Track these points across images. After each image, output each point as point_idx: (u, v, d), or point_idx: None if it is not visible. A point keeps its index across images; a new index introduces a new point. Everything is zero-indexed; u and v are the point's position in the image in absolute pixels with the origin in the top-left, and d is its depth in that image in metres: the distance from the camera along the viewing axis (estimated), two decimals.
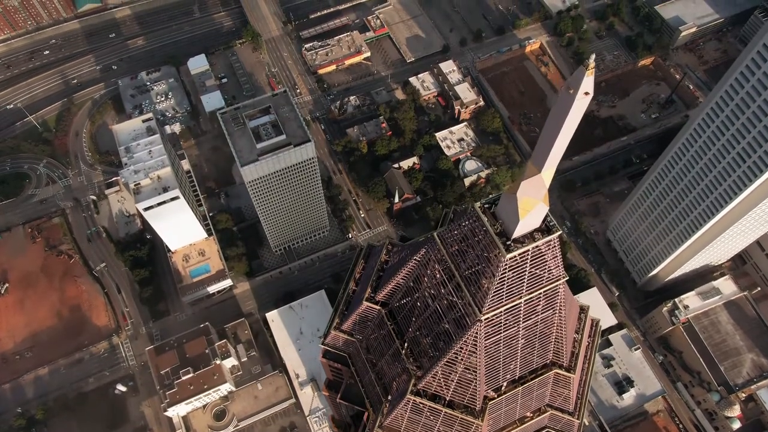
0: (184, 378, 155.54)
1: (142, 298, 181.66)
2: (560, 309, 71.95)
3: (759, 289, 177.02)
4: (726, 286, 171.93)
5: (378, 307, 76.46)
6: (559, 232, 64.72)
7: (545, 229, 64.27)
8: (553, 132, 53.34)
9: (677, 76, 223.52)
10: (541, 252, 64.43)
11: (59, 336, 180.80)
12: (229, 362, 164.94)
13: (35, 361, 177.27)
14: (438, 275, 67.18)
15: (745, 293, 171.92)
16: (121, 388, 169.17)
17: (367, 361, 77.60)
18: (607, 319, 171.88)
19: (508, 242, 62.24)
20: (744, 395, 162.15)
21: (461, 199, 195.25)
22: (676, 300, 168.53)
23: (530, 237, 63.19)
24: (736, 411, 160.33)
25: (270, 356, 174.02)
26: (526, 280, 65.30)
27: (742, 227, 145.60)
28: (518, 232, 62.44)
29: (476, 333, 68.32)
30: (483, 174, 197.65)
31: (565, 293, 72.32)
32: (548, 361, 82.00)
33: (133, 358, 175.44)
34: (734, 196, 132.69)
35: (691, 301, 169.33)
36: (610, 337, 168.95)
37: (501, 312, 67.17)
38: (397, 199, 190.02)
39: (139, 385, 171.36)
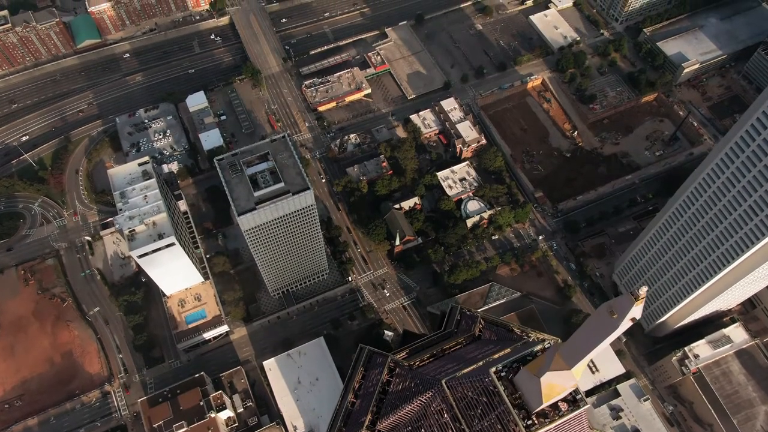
0: None
1: (135, 345, 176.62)
2: None
3: None
4: (737, 333, 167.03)
5: None
6: (587, 406, 58.42)
7: (572, 399, 58.03)
8: (588, 343, 48.80)
9: (681, 113, 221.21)
10: (568, 422, 58.45)
11: (50, 384, 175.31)
12: (225, 414, 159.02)
13: (25, 410, 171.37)
14: (445, 425, 62.44)
15: (756, 341, 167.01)
16: None
17: None
18: (615, 367, 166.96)
19: (529, 421, 56.27)
20: None
21: (463, 241, 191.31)
22: (686, 349, 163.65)
23: (555, 408, 57.05)
24: None
25: (267, 406, 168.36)
26: None
27: (760, 274, 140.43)
28: (541, 407, 56.60)
29: None
30: (485, 215, 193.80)
31: None
32: None
33: (126, 408, 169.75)
34: (753, 243, 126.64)
35: (702, 349, 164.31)
36: (618, 387, 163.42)
37: None
38: (398, 242, 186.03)
39: None
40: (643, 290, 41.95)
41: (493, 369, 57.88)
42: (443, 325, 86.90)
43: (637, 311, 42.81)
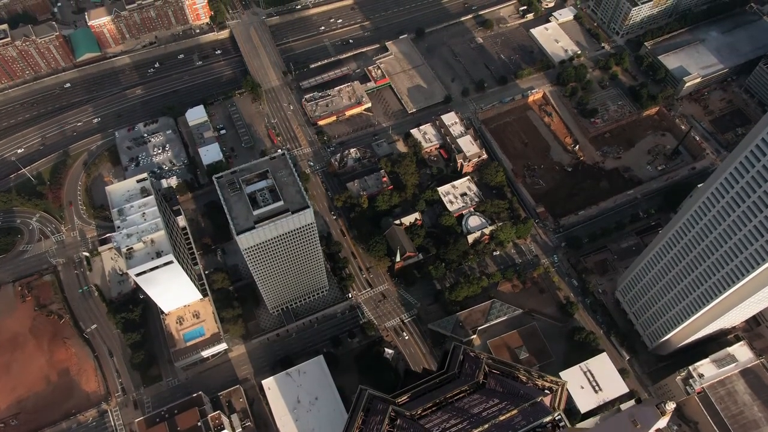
0: None
1: (133, 363, 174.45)
2: None
3: None
4: (741, 352, 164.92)
5: None
6: None
7: None
8: None
9: (683, 127, 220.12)
10: None
11: (46, 402, 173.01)
12: None
13: (21, 429, 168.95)
14: None
15: (762, 359, 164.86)
16: None
17: None
18: (618, 386, 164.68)
19: None
20: None
21: (465, 257, 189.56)
22: (690, 368, 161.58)
23: None
24: None
25: (266, 426, 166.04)
26: None
27: (767, 294, 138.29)
28: None
29: None
30: (487, 230, 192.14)
31: None
32: None
33: (123, 427, 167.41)
34: (759, 264, 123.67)
35: (706, 369, 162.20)
36: (622, 406, 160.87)
37: None
38: (398, 258, 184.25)
39: None
40: (671, 406, 40.47)
41: None
42: (446, 365, 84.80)
43: (662, 423, 41.28)
